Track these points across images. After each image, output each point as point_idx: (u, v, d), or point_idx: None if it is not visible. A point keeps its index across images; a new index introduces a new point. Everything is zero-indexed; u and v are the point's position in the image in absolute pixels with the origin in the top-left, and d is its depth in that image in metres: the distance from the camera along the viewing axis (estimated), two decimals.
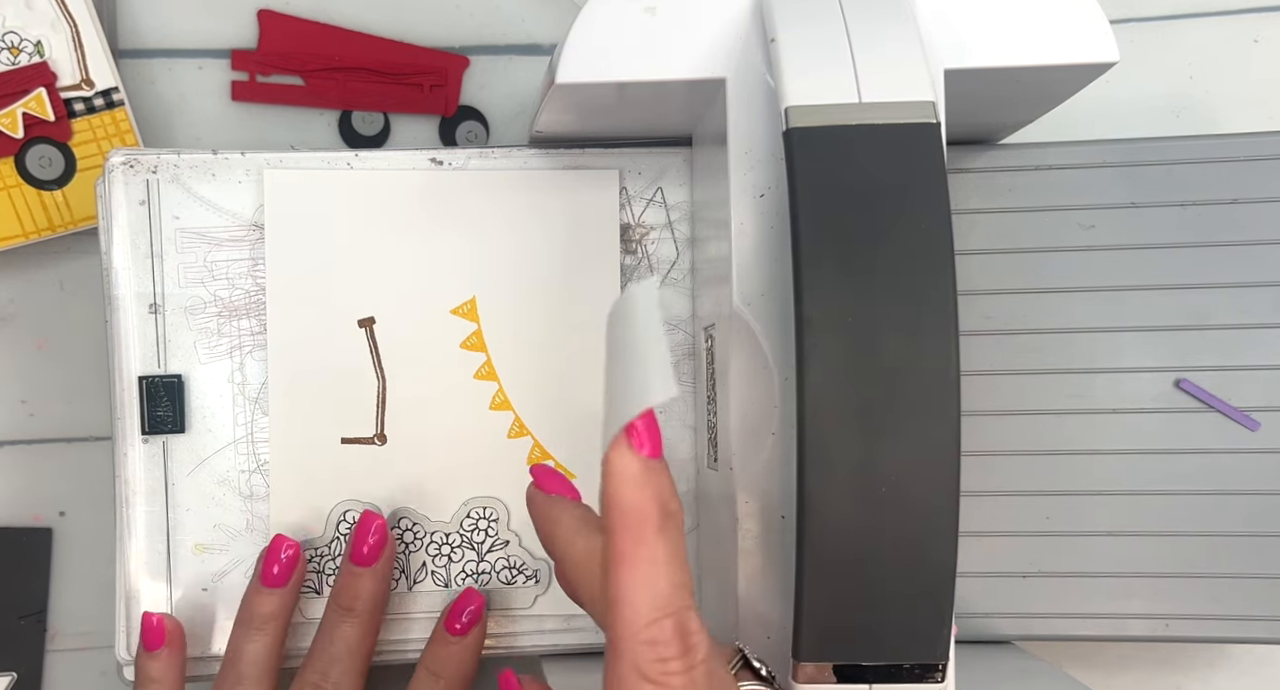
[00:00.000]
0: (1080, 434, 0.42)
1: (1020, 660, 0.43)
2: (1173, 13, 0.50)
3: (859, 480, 0.29)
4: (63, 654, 0.47)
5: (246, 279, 0.41)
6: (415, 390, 0.42)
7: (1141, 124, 0.49)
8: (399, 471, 0.42)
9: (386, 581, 0.40)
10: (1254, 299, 0.42)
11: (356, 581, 0.39)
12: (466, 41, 0.48)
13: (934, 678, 0.31)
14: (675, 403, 0.43)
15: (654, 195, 0.43)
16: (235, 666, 0.39)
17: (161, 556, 0.41)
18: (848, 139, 0.30)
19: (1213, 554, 0.42)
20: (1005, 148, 0.43)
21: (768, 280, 0.34)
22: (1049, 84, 0.37)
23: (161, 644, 0.39)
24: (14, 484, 0.47)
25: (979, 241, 0.42)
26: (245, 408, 0.41)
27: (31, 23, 0.44)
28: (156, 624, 0.39)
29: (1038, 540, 0.43)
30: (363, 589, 0.39)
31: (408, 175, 0.41)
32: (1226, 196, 0.42)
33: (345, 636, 0.39)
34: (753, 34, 0.34)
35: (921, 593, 0.30)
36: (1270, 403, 0.42)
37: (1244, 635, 0.43)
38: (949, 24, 0.34)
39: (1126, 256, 0.42)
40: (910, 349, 0.29)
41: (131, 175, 0.40)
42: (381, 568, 0.39)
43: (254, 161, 0.41)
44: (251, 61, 0.47)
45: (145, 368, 0.40)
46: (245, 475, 0.41)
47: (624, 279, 0.43)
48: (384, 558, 0.39)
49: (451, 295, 0.42)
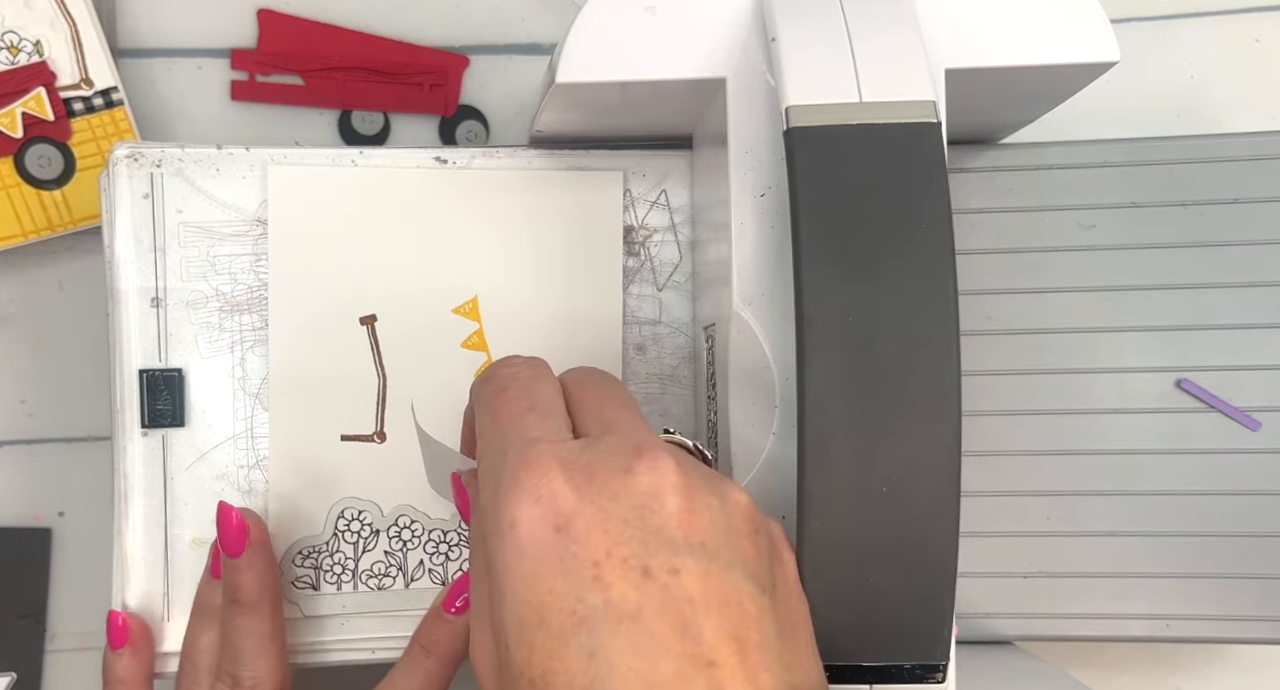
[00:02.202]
0: (1081, 434, 0.42)
1: (1021, 660, 0.43)
2: (1173, 13, 0.50)
3: (859, 480, 0.29)
4: (62, 654, 0.47)
5: (249, 274, 0.41)
6: (416, 389, 0.42)
7: (1142, 124, 0.49)
8: (398, 469, 0.42)
9: (264, 568, 0.39)
10: (1255, 299, 0.42)
11: (234, 574, 0.39)
12: (466, 41, 0.48)
13: (934, 678, 0.31)
14: (674, 405, 0.43)
15: (658, 198, 0.43)
16: (191, 658, 0.39)
17: (159, 551, 0.41)
18: (848, 138, 0.30)
19: (1214, 554, 0.42)
20: (1006, 148, 0.43)
21: (768, 280, 0.34)
22: (1049, 84, 0.37)
23: (125, 642, 0.39)
24: (13, 484, 0.47)
25: (979, 241, 0.42)
26: (245, 403, 0.41)
27: (31, 22, 0.44)
28: (121, 623, 0.39)
29: (1038, 540, 0.42)
30: (241, 580, 0.38)
31: (412, 173, 0.41)
32: (1228, 196, 0.42)
33: (241, 627, 0.38)
34: (753, 33, 0.34)
35: (922, 593, 0.30)
36: (1271, 403, 0.42)
37: (1244, 635, 0.43)
38: (949, 24, 0.34)
39: (1127, 256, 0.42)
40: (911, 349, 0.29)
41: (135, 169, 0.40)
42: (251, 556, 0.39)
43: (258, 157, 0.41)
44: (251, 61, 0.47)
45: (146, 361, 0.40)
46: (244, 470, 0.41)
47: (626, 281, 0.43)
48: (252, 545, 0.39)
49: (453, 294, 0.42)
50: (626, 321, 0.43)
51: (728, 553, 0.27)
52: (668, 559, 0.26)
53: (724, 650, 0.26)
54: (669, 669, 0.25)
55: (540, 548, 0.27)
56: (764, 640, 0.26)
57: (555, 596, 0.27)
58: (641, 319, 0.43)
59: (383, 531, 0.42)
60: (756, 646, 0.26)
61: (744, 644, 0.26)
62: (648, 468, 0.28)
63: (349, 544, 0.42)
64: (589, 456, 0.28)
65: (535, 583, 0.27)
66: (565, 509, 0.27)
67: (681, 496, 0.27)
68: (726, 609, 0.26)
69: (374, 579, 0.42)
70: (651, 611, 0.26)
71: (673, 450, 0.29)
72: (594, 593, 0.26)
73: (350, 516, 0.41)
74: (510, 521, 0.28)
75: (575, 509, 0.27)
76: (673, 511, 0.27)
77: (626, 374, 0.43)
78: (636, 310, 0.43)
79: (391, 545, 0.42)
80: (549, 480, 0.28)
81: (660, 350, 0.43)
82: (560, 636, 0.26)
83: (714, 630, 0.26)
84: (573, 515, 0.27)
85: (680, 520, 0.27)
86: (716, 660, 0.26)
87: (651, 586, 0.26)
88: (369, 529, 0.42)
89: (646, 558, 0.26)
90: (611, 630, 0.26)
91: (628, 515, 0.27)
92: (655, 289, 0.43)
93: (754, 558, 0.28)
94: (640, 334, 0.43)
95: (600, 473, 0.28)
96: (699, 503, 0.28)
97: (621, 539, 0.27)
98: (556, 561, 0.27)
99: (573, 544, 0.27)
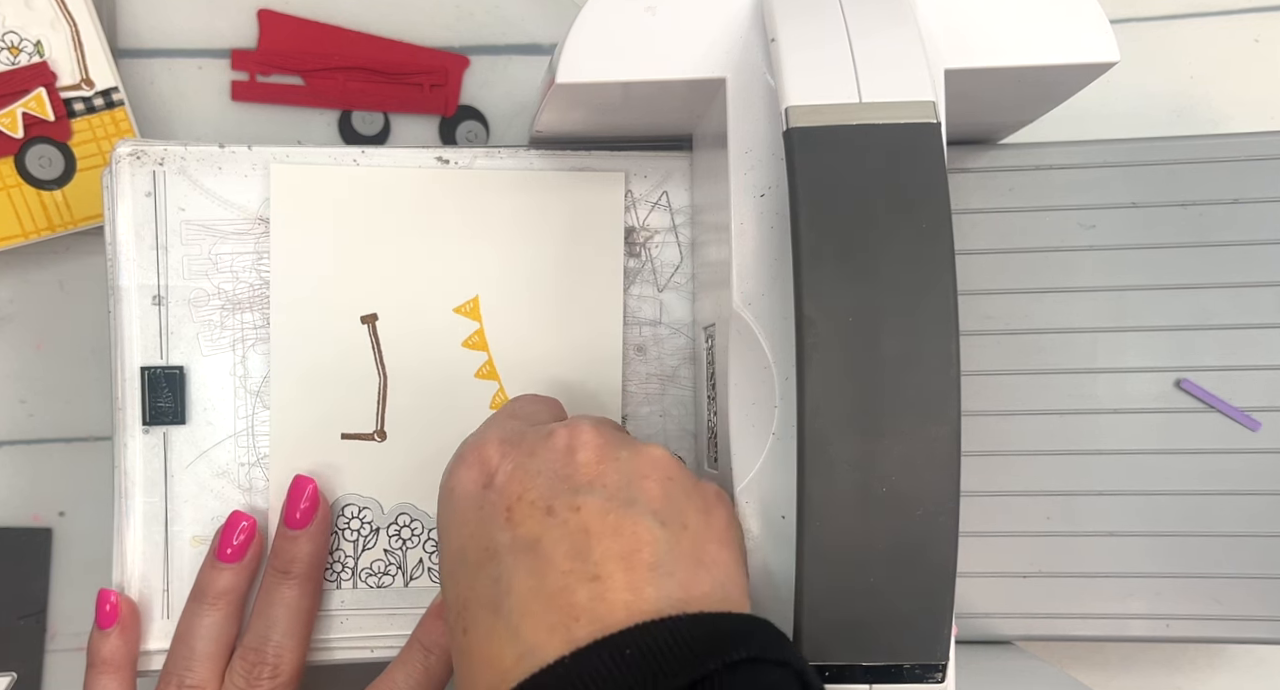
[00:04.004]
0: (1081, 434, 0.42)
1: (1021, 660, 0.43)
2: (1173, 13, 0.50)
3: (859, 480, 0.29)
4: (62, 654, 0.47)
5: (250, 272, 0.41)
6: (416, 387, 0.42)
7: (1142, 124, 0.49)
8: (398, 468, 0.42)
9: (322, 544, 0.40)
10: (1255, 299, 0.42)
11: (292, 545, 0.40)
12: (466, 41, 0.48)
13: (934, 678, 0.31)
14: (674, 406, 0.43)
15: (659, 199, 0.43)
16: (187, 642, 0.39)
17: (159, 548, 0.41)
18: (848, 139, 0.30)
19: (1213, 554, 0.42)
20: (1005, 148, 0.43)
21: (768, 280, 0.34)
22: (1049, 84, 0.37)
23: (113, 622, 0.39)
24: (14, 484, 0.47)
25: (979, 241, 0.42)
26: (246, 401, 0.41)
27: (31, 22, 0.44)
28: (112, 602, 0.39)
29: (1038, 540, 0.43)
30: (299, 551, 0.39)
31: (413, 173, 0.42)
32: (1227, 196, 0.42)
33: (284, 599, 0.39)
34: (753, 34, 0.34)
35: (921, 593, 0.30)
36: (1271, 403, 0.42)
37: (1244, 635, 0.43)
38: (949, 24, 0.34)
39: (1127, 256, 0.42)
40: (910, 349, 0.29)
41: (138, 167, 0.40)
42: (315, 530, 0.40)
43: (260, 155, 0.41)
44: (251, 61, 0.47)
45: (147, 359, 0.40)
46: (245, 468, 0.41)
47: (627, 282, 0.43)
48: (317, 520, 0.40)
49: (454, 294, 0.42)
50: (627, 322, 0.43)
51: (628, 492, 0.31)
52: (569, 498, 0.30)
53: (610, 566, 0.29)
54: (556, 584, 0.29)
55: (468, 501, 0.32)
56: (655, 560, 0.29)
57: (475, 538, 0.31)
58: (642, 320, 0.43)
59: (382, 530, 0.42)
60: (644, 564, 0.29)
61: (631, 562, 0.29)
62: (567, 431, 0.32)
63: (349, 542, 0.42)
64: (524, 432, 0.33)
65: (461, 528, 0.32)
66: (490, 467, 0.32)
67: (592, 450, 0.32)
68: (619, 537, 0.29)
69: (373, 577, 0.42)
70: (549, 541, 0.30)
71: (597, 420, 0.33)
72: (504, 531, 0.30)
73: (350, 514, 0.42)
74: (449, 489, 0.33)
75: (498, 466, 0.32)
76: (582, 462, 0.31)
77: (627, 374, 0.43)
78: (637, 311, 0.43)
79: (391, 544, 0.42)
80: (483, 450, 0.33)
81: (660, 351, 0.43)
82: (476, 568, 0.31)
83: (603, 552, 0.29)
84: (495, 471, 0.32)
85: (588, 470, 0.31)
86: (600, 575, 0.29)
87: (552, 521, 0.30)
88: (369, 527, 0.42)
89: (551, 499, 0.30)
90: (515, 559, 0.30)
91: (540, 467, 0.31)
92: (656, 290, 0.43)
93: (658, 497, 0.31)
94: (641, 335, 0.43)
95: (527, 439, 0.33)
96: (608, 454, 0.32)
97: (533, 486, 0.31)
98: (478, 509, 0.32)
99: (492, 493, 0.31)
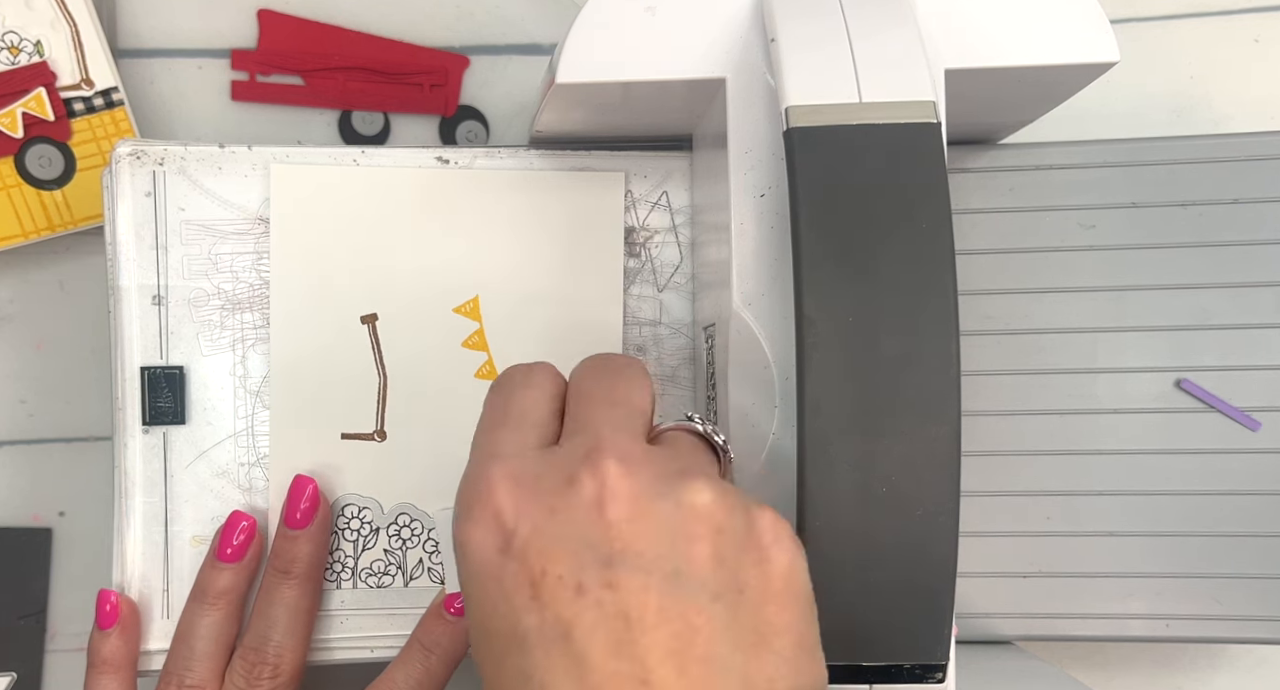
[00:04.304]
0: (1081, 434, 0.42)
1: (1021, 660, 0.43)
2: (1173, 13, 0.50)
3: (859, 480, 0.29)
4: (62, 654, 0.47)
5: (250, 272, 0.41)
6: (416, 387, 0.42)
7: (1142, 124, 0.49)
8: (398, 468, 0.42)
9: (322, 544, 0.40)
10: (1255, 299, 0.42)
11: (292, 545, 0.40)
12: (466, 41, 0.48)
13: (934, 678, 0.31)
14: (675, 406, 0.43)
15: (659, 199, 0.43)
16: (187, 641, 0.39)
17: (159, 548, 0.41)
18: (848, 139, 0.30)
19: (1213, 554, 0.42)
20: (1005, 148, 0.43)
21: (768, 280, 0.34)
22: (1049, 84, 0.37)
23: (114, 622, 0.39)
24: (14, 484, 0.47)
25: (979, 241, 0.42)
26: (246, 401, 0.41)
27: (31, 22, 0.44)
28: (112, 602, 0.39)
29: (1038, 540, 0.42)
30: (299, 552, 0.40)
31: (413, 173, 0.42)
32: (1227, 196, 0.42)
33: (284, 599, 0.39)
34: (753, 34, 0.34)
35: (921, 593, 0.30)
36: (1271, 403, 0.42)
37: (1244, 635, 0.43)
38: (949, 24, 0.34)
39: (1127, 256, 0.42)
40: (910, 349, 0.29)
41: (138, 166, 0.40)
42: (315, 530, 0.40)
43: (260, 155, 0.41)
44: (251, 61, 0.47)
45: (147, 359, 0.40)
46: (244, 468, 0.41)
47: (627, 282, 0.43)
48: (317, 520, 0.40)
49: (454, 294, 0.42)
50: (627, 322, 0.43)
51: (671, 562, 0.26)
52: (601, 573, 0.26)
53: (661, 668, 0.25)
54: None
55: (486, 569, 0.27)
56: (709, 654, 0.25)
57: (498, 618, 0.27)
58: (642, 320, 0.43)
59: (382, 529, 0.42)
60: (699, 661, 0.25)
61: (683, 659, 0.25)
62: (590, 475, 0.27)
63: (349, 542, 0.42)
64: (539, 468, 0.28)
65: (483, 604, 0.27)
66: (506, 528, 0.27)
67: (624, 503, 0.27)
68: (666, 623, 0.25)
69: (373, 577, 0.42)
70: (583, 630, 0.25)
71: (627, 451, 0.28)
72: (530, 614, 0.26)
73: (350, 514, 0.42)
74: (461, 544, 0.28)
75: (514, 528, 0.27)
76: (612, 521, 0.26)
77: None
78: (637, 311, 0.43)
79: (391, 543, 0.42)
80: (494, 500, 0.28)
81: (661, 351, 0.43)
82: (502, 657, 0.27)
83: (650, 646, 0.25)
84: (512, 535, 0.27)
85: (619, 530, 0.26)
86: (650, 679, 0.25)
87: (584, 603, 0.26)
88: (369, 527, 0.42)
89: (580, 573, 0.26)
90: (545, 652, 0.26)
91: (564, 530, 0.27)
92: (656, 290, 0.43)
93: (706, 563, 0.26)
94: (641, 335, 0.43)
95: (544, 485, 0.28)
96: (644, 507, 0.27)
97: (557, 556, 0.26)
98: (498, 583, 0.27)
99: (512, 563, 0.27)
